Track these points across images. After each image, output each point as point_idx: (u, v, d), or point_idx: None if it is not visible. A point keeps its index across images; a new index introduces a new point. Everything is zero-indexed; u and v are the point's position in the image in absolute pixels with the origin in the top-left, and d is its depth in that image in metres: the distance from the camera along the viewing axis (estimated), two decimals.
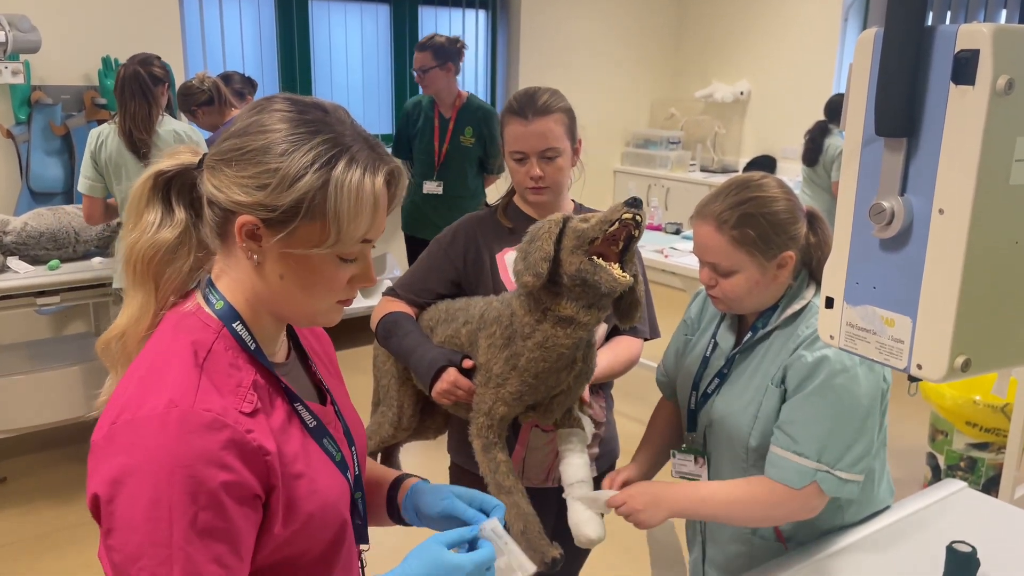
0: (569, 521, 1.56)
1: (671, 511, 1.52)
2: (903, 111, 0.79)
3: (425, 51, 3.81)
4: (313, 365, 1.13)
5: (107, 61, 4.51)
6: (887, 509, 1.66)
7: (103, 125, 3.36)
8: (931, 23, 0.77)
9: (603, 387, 1.86)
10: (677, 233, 4.58)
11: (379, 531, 1.22)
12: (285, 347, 1.09)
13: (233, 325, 0.98)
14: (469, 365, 1.60)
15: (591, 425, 1.75)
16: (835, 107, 4.84)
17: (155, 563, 0.85)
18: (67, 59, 4.44)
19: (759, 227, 1.44)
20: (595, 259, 1.39)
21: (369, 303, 4.55)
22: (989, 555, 1.40)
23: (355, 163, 0.93)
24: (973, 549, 1.36)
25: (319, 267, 0.96)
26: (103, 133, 3.30)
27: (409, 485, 1.22)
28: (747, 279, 1.47)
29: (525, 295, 1.48)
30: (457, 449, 1.89)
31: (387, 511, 1.23)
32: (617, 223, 1.38)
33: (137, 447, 0.87)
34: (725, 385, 1.58)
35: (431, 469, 3.44)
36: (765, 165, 6.24)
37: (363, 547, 1.16)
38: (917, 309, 0.81)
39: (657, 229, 4.66)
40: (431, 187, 3.98)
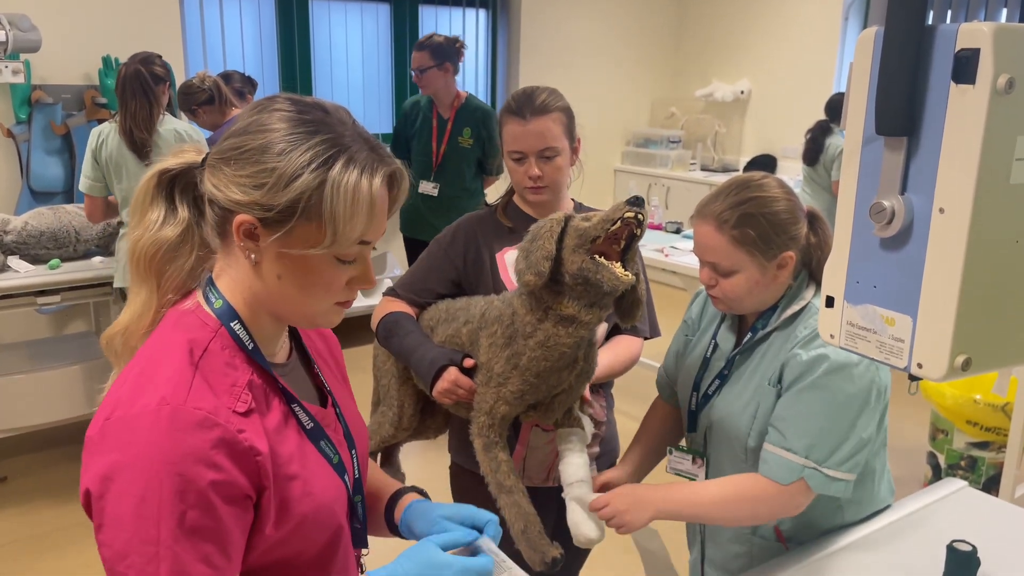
0: (568, 521, 1.55)
1: (656, 512, 1.50)
2: (903, 110, 0.79)
3: (423, 51, 3.76)
4: (316, 367, 1.13)
5: (107, 60, 4.52)
6: (887, 508, 1.66)
7: (104, 124, 3.36)
8: (931, 22, 0.77)
9: (603, 386, 1.86)
10: (677, 232, 4.58)
11: (380, 537, 1.21)
12: (287, 348, 1.09)
13: (231, 324, 0.98)
14: (470, 364, 1.60)
15: (591, 425, 1.75)
16: (836, 106, 4.84)
17: (143, 560, 0.86)
18: (67, 58, 4.44)
19: (759, 227, 1.44)
20: (597, 258, 1.39)
21: (370, 303, 4.54)
22: (989, 554, 1.40)
23: (353, 164, 0.92)
24: (973, 548, 1.36)
25: (316, 268, 0.95)
26: (104, 132, 3.31)
27: (407, 502, 1.20)
28: (747, 279, 1.47)
29: (527, 294, 1.48)
30: (457, 449, 1.89)
31: (386, 525, 1.22)
32: (619, 222, 1.38)
33: (128, 444, 0.87)
34: (725, 386, 1.58)
35: (431, 469, 3.44)
36: (765, 164, 6.24)
37: (363, 551, 1.15)
38: (917, 308, 0.81)
39: (657, 228, 4.66)
40: (428, 188, 3.93)
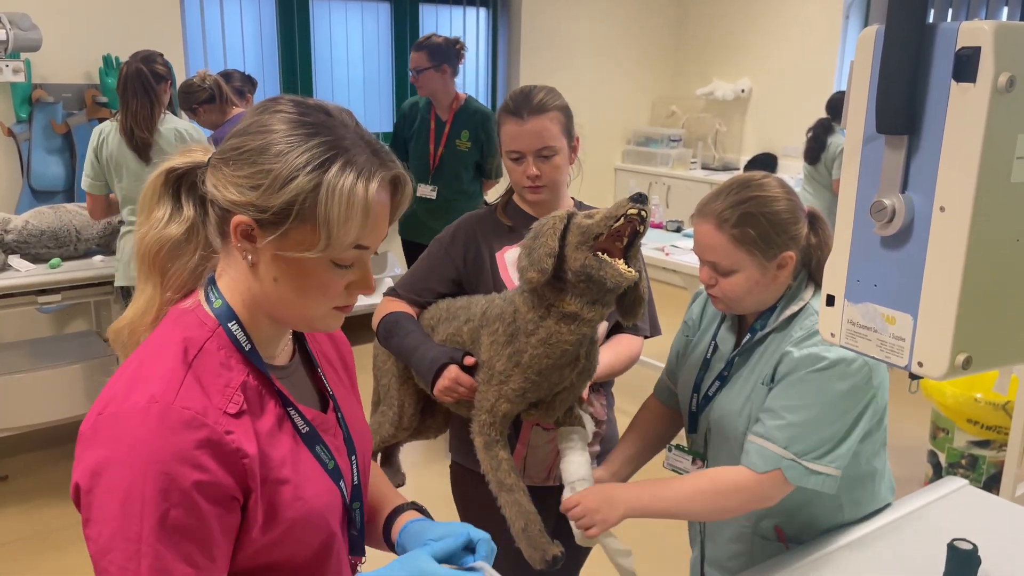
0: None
1: (627, 509, 1.49)
2: (904, 109, 0.79)
3: (421, 51, 3.69)
4: (320, 370, 1.12)
5: (108, 59, 4.52)
6: (888, 507, 1.66)
7: (105, 123, 3.36)
8: (932, 20, 0.77)
9: (604, 385, 1.86)
10: (678, 231, 4.58)
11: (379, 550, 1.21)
12: (289, 350, 1.08)
13: (229, 325, 0.98)
14: (471, 362, 1.60)
15: (592, 423, 1.75)
16: (837, 104, 4.84)
17: (124, 557, 0.86)
18: (68, 57, 4.44)
19: (760, 226, 1.44)
20: (600, 255, 1.39)
21: (370, 302, 4.53)
22: (990, 553, 1.40)
23: (350, 167, 0.92)
24: (974, 547, 1.36)
25: (313, 271, 0.94)
26: (105, 130, 3.31)
27: (405, 520, 1.18)
28: (747, 278, 1.47)
29: (528, 291, 1.48)
30: (458, 448, 1.89)
31: (384, 540, 1.21)
32: (622, 219, 1.38)
33: (117, 440, 0.88)
34: (725, 387, 1.58)
35: (431, 468, 3.44)
36: (766, 163, 6.24)
37: (361, 560, 1.14)
38: (918, 307, 0.81)
39: (658, 227, 4.65)
40: (426, 191, 3.86)
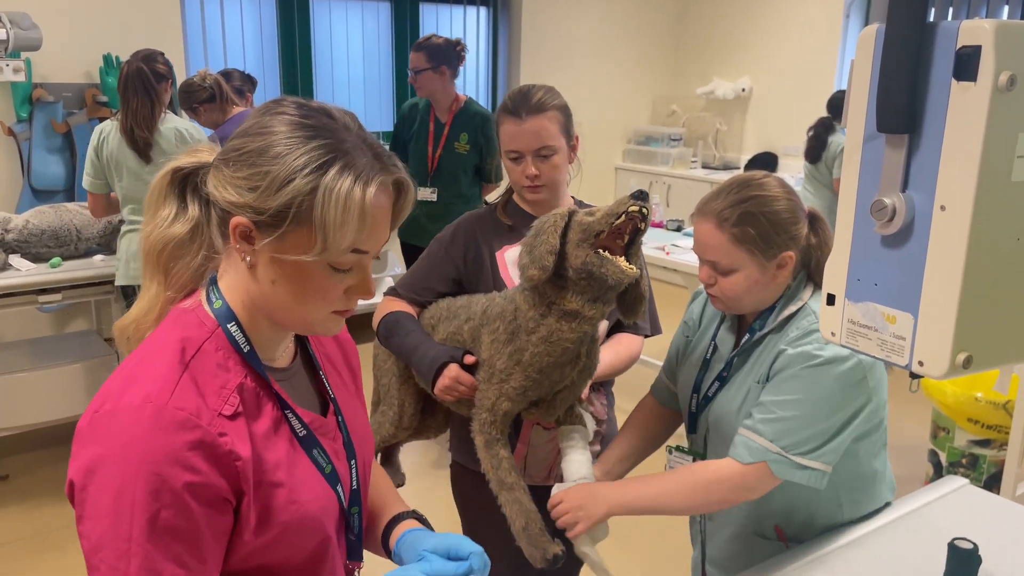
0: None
1: (610, 506, 1.49)
2: (905, 107, 0.79)
3: (420, 52, 3.64)
4: (322, 373, 1.11)
5: (108, 59, 4.52)
6: (888, 506, 1.66)
7: (106, 122, 3.36)
8: (933, 19, 0.77)
9: (604, 384, 1.86)
10: (679, 230, 4.58)
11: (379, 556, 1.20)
12: (291, 352, 1.08)
13: (228, 326, 0.97)
14: (471, 361, 1.60)
15: (593, 422, 1.75)
16: (838, 103, 4.84)
17: (114, 556, 0.87)
18: (68, 57, 4.44)
19: (759, 226, 1.44)
20: (601, 252, 1.39)
21: (371, 301, 4.53)
22: (991, 552, 1.40)
23: (348, 171, 0.91)
24: (975, 546, 1.36)
25: (310, 275, 0.94)
26: (105, 130, 3.31)
27: (403, 530, 1.17)
28: (746, 278, 1.47)
29: (529, 289, 1.48)
30: (458, 447, 1.89)
31: (383, 548, 1.20)
32: (623, 216, 1.38)
33: (110, 439, 0.88)
34: (724, 388, 1.58)
35: (431, 468, 3.44)
36: (767, 162, 6.23)
37: (358, 564, 1.14)
38: (918, 306, 0.81)
39: (659, 226, 4.65)
40: (425, 194, 3.81)
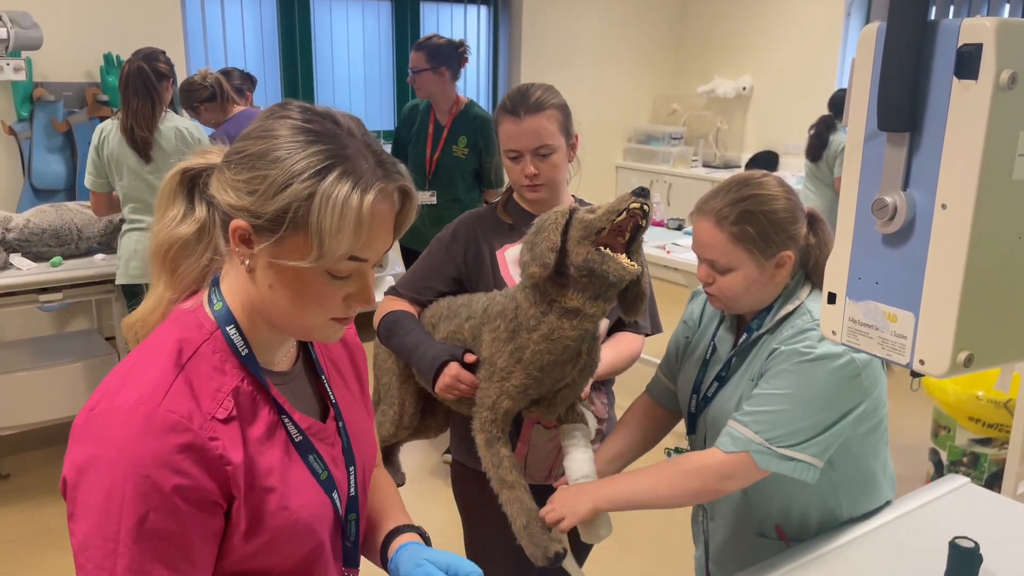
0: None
1: (594, 502, 1.50)
2: (906, 106, 0.79)
3: (420, 51, 3.57)
4: (324, 377, 1.11)
5: (109, 58, 4.52)
6: (889, 505, 1.66)
7: (107, 121, 3.36)
8: (934, 17, 0.76)
9: (605, 383, 1.86)
10: (679, 229, 4.58)
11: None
12: (292, 356, 1.07)
13: (227, 329, 0.97)
14: (472, 360, 1.59)
15: (594, 421, 1.75)
16: (840, 102, 4.84)
17: (101, 555, 0.87)
18: (69, 56, 4.44)
19: (758, 224, 1.44)
20: (603, 249, 1.39)
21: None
22: (992, 551, 1.40)
23: (347, 177, 0.89)
24: (976, 545, 1.36)
25: (308, 281, 0.93)
26: (106, 129, 3.31)
27: (401, 542, 1.16)
28: (745, 277, 1.47)
29: (530, 287, 1.48)
30: (458, 447, 1.89)
31: (380, 559, 1.19)
32: (625, 213, 1.38)
33: (103, 439, 0.88)
34: (722, 388, 1.58)
35: (431, 468, 3.44)
36: (767, 161, 6.23)
37: (354, 571, 1.13)
38: (920, 304, 0.81)
39: (659, 225, 4.64)
40: (423, 197, 3.71)
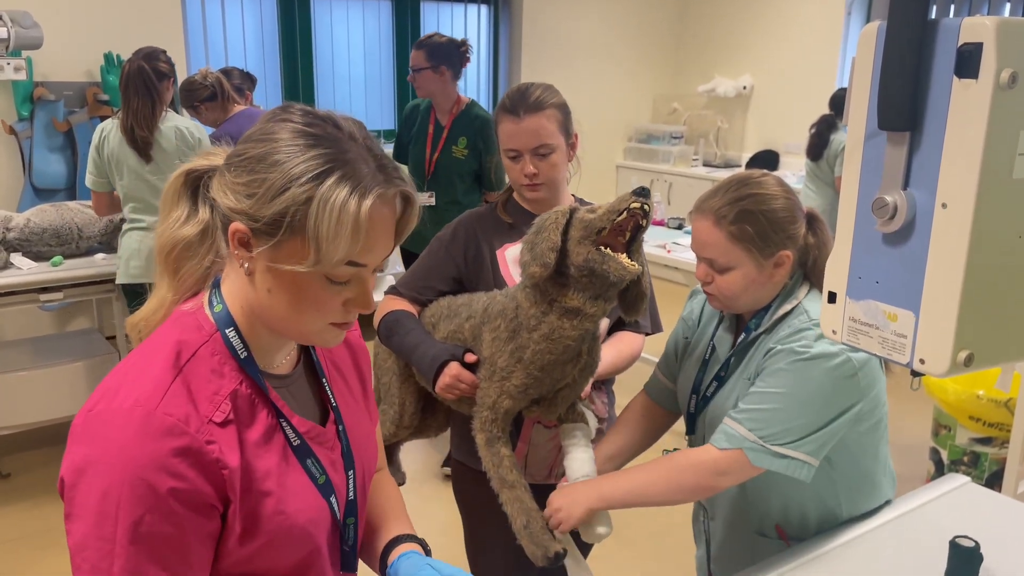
0: None
1: (589, 500, 1.50)
2: (906, 105, 0.79)
3: (420, 50, 3.53)
4: (325, 380, 1.10)
5: (109, 57, 4.52)
6: (889, 504, 1.66)
7: (107, 120, 3.36)
8: (934, 16, 0.76)
9: (605, 383, 1.86)
10: (680, 228, 4.58)
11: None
12: (292, 359, 1.07)
13: (226, 331, 0.97)
14: (472, 359, 1.59)
15: (595, 420, 1.75)
16: (841, 101, 4.83)
17: (97, 556, 0.87)
18: (69, 55, 4.44)
19: (757, 224, 1.43)
20: (603, 249, 1.39)
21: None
22: (992, 550, 1.40)
23: (345, 181, 0.89)
24: (976, 544, 1.36)
25: (306, 286, 0.93)
26: (106, 128, 3.31)
27: (401, 552, 1.15)
28: (743, 276, 1.46)
29: (531, 287, 1.48)
30: (459, 446, 1.89)
31: (379, 568, 1.18)
32: (625, 212, 1.38)
33: (100, 440, 0.88)
34: (721, 388, 1.58)
35: (431, 468, 3.44)
36: (768, 160, 6.23)
37: (350, 575, 1.13)
38: (920, 304, 0.81)
39: (660, 224, 4.64)
40: (423, 198, 3.65)
